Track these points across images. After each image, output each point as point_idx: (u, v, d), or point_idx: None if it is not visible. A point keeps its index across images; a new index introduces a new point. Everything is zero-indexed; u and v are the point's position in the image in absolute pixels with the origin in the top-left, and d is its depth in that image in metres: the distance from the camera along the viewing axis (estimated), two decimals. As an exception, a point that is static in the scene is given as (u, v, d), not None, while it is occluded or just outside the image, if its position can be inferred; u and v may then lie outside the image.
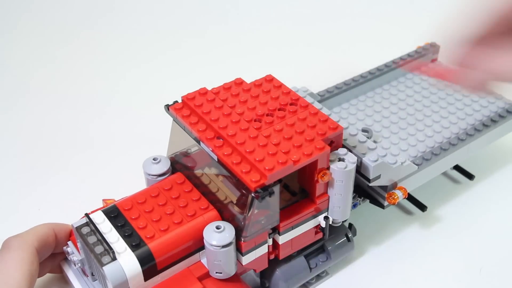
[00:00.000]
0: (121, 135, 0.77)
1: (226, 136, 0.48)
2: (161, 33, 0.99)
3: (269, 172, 0.45)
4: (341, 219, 0.54)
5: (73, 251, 0.51)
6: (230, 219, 0.49)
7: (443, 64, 0.73)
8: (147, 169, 0.54)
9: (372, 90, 0.69)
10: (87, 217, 0.49)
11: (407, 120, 0.64)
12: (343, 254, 0.57)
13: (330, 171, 0.49)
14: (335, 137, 0.50)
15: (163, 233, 0.48)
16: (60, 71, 0.90)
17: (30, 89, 0.86)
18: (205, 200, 0.51)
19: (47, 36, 0.99)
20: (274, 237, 0.51)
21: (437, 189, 0.68)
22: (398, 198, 0.56)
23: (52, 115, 0.81)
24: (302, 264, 0.55)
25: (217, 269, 0.49)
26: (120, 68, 0.91)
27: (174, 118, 0.53)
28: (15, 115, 0.81)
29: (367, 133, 0.62)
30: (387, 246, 0.62)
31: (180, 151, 0.55)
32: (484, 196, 0.67)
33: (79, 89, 0.86)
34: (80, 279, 0.53)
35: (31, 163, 0.73)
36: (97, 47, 0.96)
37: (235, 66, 0.61)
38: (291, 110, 0.51)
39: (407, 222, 0.64)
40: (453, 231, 0.63)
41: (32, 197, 0.68)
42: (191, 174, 0.53)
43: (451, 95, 0.68)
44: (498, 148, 0.72)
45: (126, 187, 0.58)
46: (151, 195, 0.51)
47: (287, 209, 0.50)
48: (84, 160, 0.73)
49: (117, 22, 1.02)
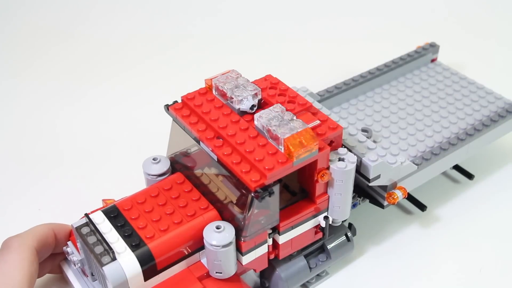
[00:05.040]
0: (121, 135, 0.77)
1: (226, 136, 0.48)
2: (161, 32, 0.99)
3: (269, 172, 0.45)
4: (341, 218, 0.54)
5: (73, 251, 0.51)
6: (230, 219, 0.49)
7: (443, 64, 0.73)
8: (147, 169, 0.54)
9: (372, 90, 0.69)
10: (86, 217, 0.49)
11: (407, 120, 0.64)
12: (343, 253, 0.57)
13: (330, 171, 0.49)
14: (335, 137, 0.50)
15: (163, 233, 0.48)
16: (59, 70, 0.90)
17: (30, 88, 0.86)
18: (205, 200, 0.51)
19: (47, 35, 0.99)
20: (274, 237, 0.51)
21: (437, 189, 0.68)
22: (398, 198, 0.56)
23: (52, 115, 0.81)
24: (302, 264, 0.55)
25: (217, 269, 0.49)
26: (119, 68, 0.91)
27: (174, 118, 0.53)
28: (15, 115, 0.81)
29: (367, 133, 0.62)
30: (387, 246, 0.62)
31: (180, 151, 0.55)
32: (484, 196, 0.67)
33: (79, 89, 0.86)
34: (80, 279, 0.53)
35: (31, 163, 0.73)
36: (97, 47, 0.96)
37: (234, 66, 0.61)
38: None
39: (407, 221, 0.65)
40: (453, 230, 0.63)
41: (32, 197, 0.68)
42: (191, 174, 0.53)
43: (451, 95, 0.68)
44: (498, 148, 0.72)
45: (126, 187, 0.58)
46: (151, 195, 0.51)
47: (287, 209, 0.50)
48: (84, 160, 0.73)
49: (116, 20, 1.02)
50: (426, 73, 0.72)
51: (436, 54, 0.74)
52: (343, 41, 0.96)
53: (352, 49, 0.94)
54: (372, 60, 0.78)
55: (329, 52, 0.94)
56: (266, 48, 0.95)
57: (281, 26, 1.01)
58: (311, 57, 0.92)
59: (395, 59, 0.72)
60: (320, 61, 0.91)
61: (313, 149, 0.46)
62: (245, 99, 0.50)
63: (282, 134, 0.46)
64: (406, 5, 1.04)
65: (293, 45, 0.96)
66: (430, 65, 0.73)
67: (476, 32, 0.98)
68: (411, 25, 0.99)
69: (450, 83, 0.70)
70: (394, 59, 0.72)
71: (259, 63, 0.90)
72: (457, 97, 0.68)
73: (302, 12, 1.04)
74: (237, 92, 0.50)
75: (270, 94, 0.52)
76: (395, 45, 0.87)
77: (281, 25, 1.01)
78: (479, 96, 0.68)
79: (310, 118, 0.50)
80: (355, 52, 0.93)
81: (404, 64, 0.71)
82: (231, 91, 0.51)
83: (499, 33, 0.98)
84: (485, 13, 1.02)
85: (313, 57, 0.92)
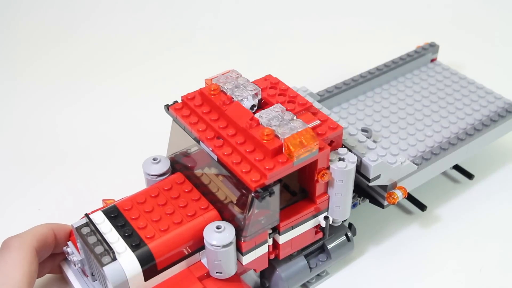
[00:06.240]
0: (121, 135, 0.77)
1: (226, 136, 0.48)
2: (161, 33, 0.99)
3: (269, 172, 0.45)
4: (341, 218, 0.54)
5: (73, 251, 0.51)
6: (230, 219, 0.49)
7: (443, 64, 0.73)
8: (147, 169, 0.54)
9: (371, 90, 0.69)
10: (87, 217, 0.49)
11: (407, 120, 0.64)
12: (343, 253, 0.57)
13: (330, 171, 0.49)
14: (335, 137, 0.50)
15: (163, 233, 0.48)
16: (59, 70, 0.90)
17: (30, 88, 0.86)
18: (205, 200, 0.51)
19: (48, 35, 0.99)
20: (274, 237, 0.51)
21: (437, 189, 0.68)
22: (398, 197, 0.56)
23: (51, 114, 0.81)
24: (302, 263, 0.55)
25: (217, 269, 0.49)
26: (119, 68, 0.91)
27: (174, 118, 0.53)
28: (14, 114, 0.81)
29: (367, 133, 0.62)
30: (387, 246, 0.62)
31: (180, 151, 0.55)
32: (484, 196, 0.67)
33: (79, 89, 0.86)
34: (80, 280, 0.53)
35: (31, 163, 0.73)
36: (96, 47, 0.96)
37: (234, 65, 0.61)
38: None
39: (407, 221, 0.65)
40: (453, 230, 0.63)
41: (32, 197, 0.68)
42: (191, 174, 0.53)
43: (450, 95, 0.68)
44: (498, 148, 0.72)
45: (126, 187, 0.58)
46: (151, 195, 0.51)
47: (287, 209, 0.50)
48: (84, 160, 0.73)
49: (115, 20, 1.02)
50: (426, 73, 0.72)
51: (436, 54, 0.74)
52: (343, 41, 0.96)
53: (352, 49, 0.94)
54: (372, 60, 0.78)
55: (329, 52, 0.94)
56: (266, 48, 0.95)
57: (281, 26, 1.01)
58: (311, 57, 0.92)
59: (395, 59, 0.72)
60: (320, 61, 0.91)
61: (313, 149, 0.46)
62: (245, 99, 0.50)
63: (282, 134, 0.46)
64: (406, 5, 1.04)
65: (293, 45, 0.96)
66: (430, 65, 0.73)
67: (476, 32, 0.98)
68: (411, 25, 0.99)
69: (449, 83, 0.70)
70: (394, 59, 0.72)
71: (259, 63, 0.90)
72: (456, 97, 0.68)
73: (302, 12, 1.04)
74: (237, 92, 0.50)
75: (270, 94, 0.52)
76: (395, 45, 0.87)
77: (281, 25, 1.01)
78: (479, 96, 0.68)
79: (310, 118, 0.50)
80: (355, 52, 0.93)
81: (404, 64, 0.71)
82: (231, 91, 0.51)
83: (499, 33, 0.98)
84: (485, 13, 1.02)
85: (313, 57, 0.92)
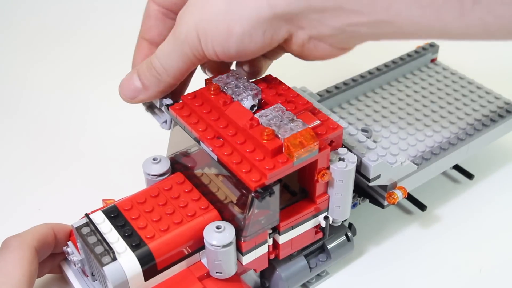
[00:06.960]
0: (121, 135, 0.77)
1: (226, 136, 0.48)
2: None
3: (269, 172, 0.45)
4: (341, 218, 0.54)
5: (73, 251, 0.51)
6: (230, 219, 0.49)
7: (443, 64, 0.73)
8: (147, 169, 0.54)
9: (371, 90, 0.69)
10: (87, 217, 0.49)
11: (407, 120, 0.64)
12: (343, 253, 0.57)
13: (330, 171, 0.49)
14: (335, 137, 0.50)
15: (163, 233, 0.48)
16: (60, 71, 0.90)
17: (30, 89, 0.86)
18: (205, 200, 0.50)
19: (49, 35, 0.99)
20: (274, 237, 0.51)
21: (437, 189, 0.68)
22: (398, 197, 0.56)
23: (52, 115, 0.81)
24: (302, 263, 0.55)
25: (217, 269, 0.49)
26: (119, 68, 0.91)
27: (174, 118, 0.53)
28: (15, 115, 0.81)
29: (367, 133, 0.62)
30: (387, 246, 0.62)
31: (180, 151, 0.55)
32: (484, 196, 0.67)
33: (79, 89, 0.86)
34: (80, 279, 0.53)
35: (31, 163, 0.73)
36: (97, 47, 0.96)
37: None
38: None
39: (407, 221, 0.65)
40: (452, 230, 0.63)
41: (32, 197, 0.68)
42: (191, 174, 0.53)
43: (450, 95, 0.68)
44: (498, 148, 0.72)
45: (126, 187, 0.58)
46: (151, 195, 0.51)
47: (287, 209, 0.50)
48: (84, 160, 0.73)
49: (116, 20, 1.02)
50: (425, 73, 0.72)
51: (436, 54, 0.74)
52: (343, 41, 0.96)
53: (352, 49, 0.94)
54: (372, 60, 0.78)
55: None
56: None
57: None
58: (311, 57, 0.92)
59: (395, 59, 0.72)
60: (320, 61, 0.91)
61: (313, 149, 0.46)
62: (245, 99, 0.50)
63: (282, 134, 0.46)
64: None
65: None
66: (430, 65, 0.73)
67: (475, 32, 0.98)
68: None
69: (449, 83, 0.70)
70: (394, 59, 0.72)
71: (259, 63, 0.90)
72: (456, 97, 0.68)
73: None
74: (238, 92, 0.50)
75: (270, 94, 0.52)
76: (395, 45, 0.86)
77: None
78: (479, 96, 0.68)
79: (310, 118, 0.50)
80: (355, 52, 0.93)
81: (404, 64, 0.71)
82: (231, 91, 0.50)
83: (499, 33, 0.98)
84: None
85: (313, 57, 0.92)
